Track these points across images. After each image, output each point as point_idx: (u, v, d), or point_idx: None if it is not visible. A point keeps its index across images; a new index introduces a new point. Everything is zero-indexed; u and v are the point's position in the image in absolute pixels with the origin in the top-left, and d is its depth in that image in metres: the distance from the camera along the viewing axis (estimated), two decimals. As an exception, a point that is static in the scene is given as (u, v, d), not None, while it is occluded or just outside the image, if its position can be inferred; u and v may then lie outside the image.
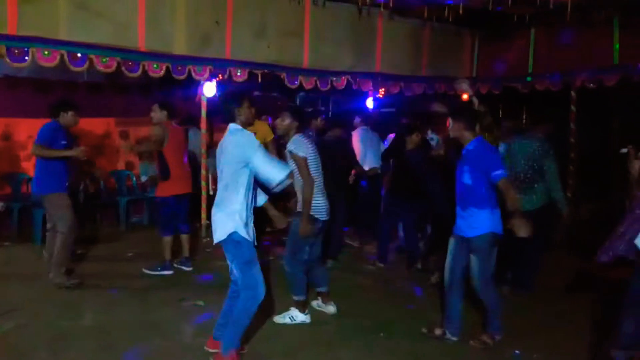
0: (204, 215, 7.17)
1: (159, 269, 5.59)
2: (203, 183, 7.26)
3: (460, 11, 6.70)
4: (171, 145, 5.45)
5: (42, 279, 5.17)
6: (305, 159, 4.11)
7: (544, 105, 8.02)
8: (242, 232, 3.40)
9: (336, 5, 7.02)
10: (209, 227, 7.13)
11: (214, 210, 3.50)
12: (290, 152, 4.13)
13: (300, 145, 4.14)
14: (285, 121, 4.25)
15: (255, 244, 3.57)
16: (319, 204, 4.23)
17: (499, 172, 3.69)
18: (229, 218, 3.39)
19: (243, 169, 3.37)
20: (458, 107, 4.22)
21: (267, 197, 3.74)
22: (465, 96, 8.49)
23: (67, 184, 5.14)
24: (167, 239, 5.60)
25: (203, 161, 7.24)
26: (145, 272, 5.56)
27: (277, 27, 6.75)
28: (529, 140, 5.12)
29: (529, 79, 7.77)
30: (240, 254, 3.44)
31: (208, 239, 7.03)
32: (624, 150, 3.14)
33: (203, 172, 7.28)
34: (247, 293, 3.46)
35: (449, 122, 3.96)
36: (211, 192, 7.94)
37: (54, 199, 5.05)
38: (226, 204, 3.41)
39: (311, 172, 4.15)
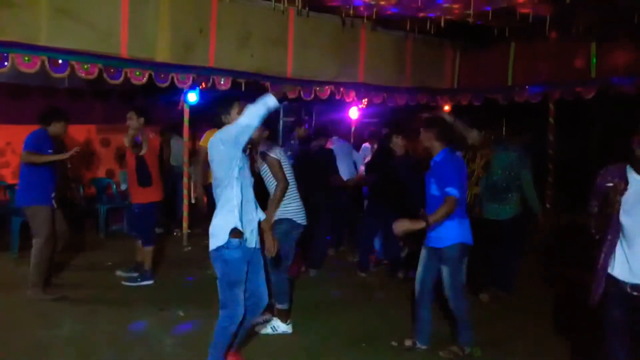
0: (185, 224, 7.10)
1: (139, 279, 5.50)
2: (185, 191, 7.20)
3: (442, 24, 6.80)
4: (151, 151, 5.41)
5: (19, 287, 5.06)
6: (278, 161, 4.14)
7: (523, 116, 8.16)
8: (235, 242, 3.24)
9: (320, 15, 7.07)
10: (190, 235, 7.17)
11: (213, 218, 3.38)
12: (263, 153, 4.13)
13: (272, 149, 4.18)
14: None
15: (258, 246, 3.47)
16: (297, 208, 4.26)
17: (449, 189, 3.70)
18: (226, 217, 3.24)
19: (233, 161, 3.25)
20: (430, 118, 4.28)
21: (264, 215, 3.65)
22: (446, 107, 8.68)
23: (52, 196, 5.03)
24: (151, 249, 5.52)
25: (185, 169, 7.19)
26: (124, 284, 5.47)
27: (261, 36, 6.77)
28: (507, 151, 5.21)
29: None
30: (226, 273, 3.30)
31: (189, 247, 7.00)
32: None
33: (185, 179, 7.21)
34: (224, 312, 3.33)
35: (421, 131, 4.02)
36: (193, 201, 7.89)
37: (35, 211, 4.95)
38: (222, 203, 3.30)
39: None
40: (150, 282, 5.53)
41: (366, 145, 7.89)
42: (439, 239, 3.84)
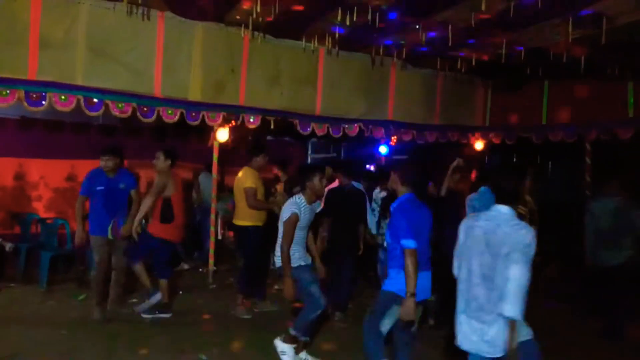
0: (211, 260, 7.06)
1: (157, 312, 5.49)
2: (212, 228, 7.19)
3: (473, 63, 6.75)
4: (177, 193, 5.52)
5: (45, 322, 5.08)
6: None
7: (558, 156, 7.97)
8: None
9: (349, 54, 7.10)
10: (216, 272, 7.12)
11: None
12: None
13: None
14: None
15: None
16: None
17: (405, 242, 3.55)
18: None
19: None
20: (398, 161, 4.39)
21: None
22: (480, 145, 8.53)
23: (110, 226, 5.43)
24: (166, 282, 5.53)
25: (213, 205, 7.20)
26: (143, 317, 5.46)
27: (291, 75, 6.83)
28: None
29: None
30: None
31: (214, 285, 6.94)
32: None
33: (212, 216, 7.22)
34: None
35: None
36: (219, 237, 7.90)
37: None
38: None
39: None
40: (168, 315, 5.51)
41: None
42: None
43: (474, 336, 3.05)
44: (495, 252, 2.98)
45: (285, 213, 4.33)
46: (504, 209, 3.06)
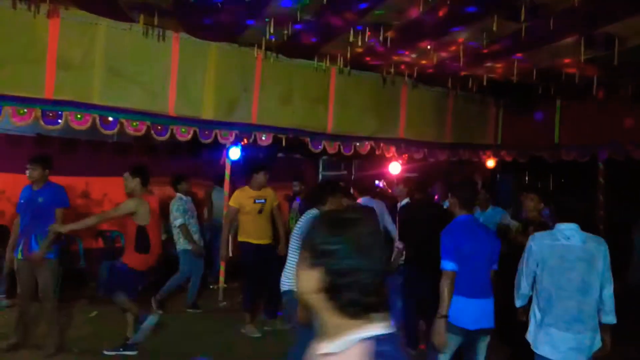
0: (222, 278, 7.08)
1: (120, 349, 5.02)
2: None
3: (484, 82, 6.77)
4: (153, 221, 5.12)
5: None
6: None
7: (570, 175, 7.92)
8: None
9: (361, 73, 7.15)
10: (226, 290, 7.12)
11: None
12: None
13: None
14: None
15: None
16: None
17: (443, 262, 3.60)
18: None
19: None
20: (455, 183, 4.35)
21: None
22: (491, 163, 8.50)
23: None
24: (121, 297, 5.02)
25: (224, 223, 7.21)
26: (106, 354, 4.98)
27: (302, 94, 6.88)
28: None
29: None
30: None
31: (224, 303, 6.94)
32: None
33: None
34: None
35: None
36: (230, 254, 7.89)
37: None
38: None
39: None
40: (133, 352, 5.01)
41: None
42: None
43: (565, 346, 3.22)
44: (590, 267, 3.24)
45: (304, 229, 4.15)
46: (574, 226, 3.29)
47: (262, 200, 6.02)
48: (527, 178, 9.32)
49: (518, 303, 3.62)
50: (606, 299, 3.28)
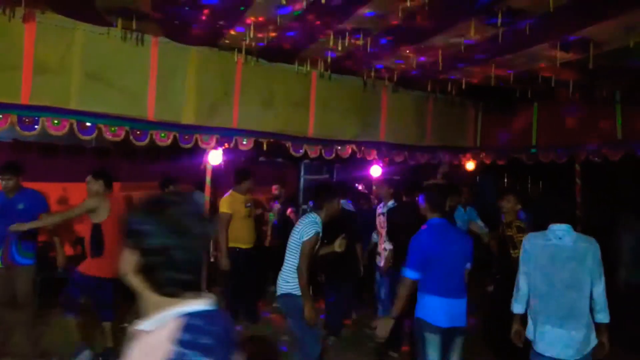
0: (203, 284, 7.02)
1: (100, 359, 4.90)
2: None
3: (463, 86, 6.85)
4: (111, 219, 4.83)
5: None
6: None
7: (548, 176, 8.05)
8: None
9: (341, 77, 7.18)
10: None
11: None
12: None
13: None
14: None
15: None
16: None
17: (403, 269, 3.81)
18: None
19: None
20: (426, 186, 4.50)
21: None
22: (471, 165, 8.61)
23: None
24: (109, 324, 4.90)
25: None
26: None
27: (283, 98, 6.87)
28: None
29: (533, 150, 7.82)
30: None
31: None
32: None
33: (205, 238, 7.19)
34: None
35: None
36: (211, 259, 7.85)
37: None
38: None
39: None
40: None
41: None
42: None
43: (560, 343, 3.33)
44: (580, 265, 3.36)
45: (305, 232, 4.05)
46: (566, 227, 3.43)
47: (250, 204, 6.08)
48: (505, 180, 9.44)
49: (515, 307, 3.64)
50: (597, 297, 3.41)
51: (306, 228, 4.08)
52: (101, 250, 4.79)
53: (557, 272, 3.40)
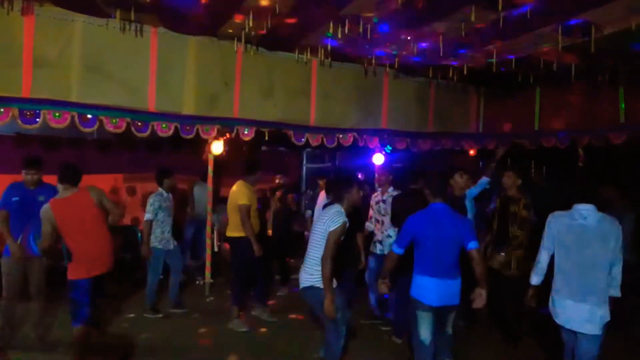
0: (208, 273, 7.07)
1: None
2: (207, 240, 7.20)
3: (465, 72, 6.81)
4: (60, 224, 4.34)
5: None
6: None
7: (551, 161, 8.03)
8: None
9: (342, 65, 7.14)
10: (213, 285, 7.12)
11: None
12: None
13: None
14: None
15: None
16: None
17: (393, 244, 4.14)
18: None
19: None
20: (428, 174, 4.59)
21: None
22: (472, 152, 8.59)
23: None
24: (80, 329, 4.33)
25: (208, 218, 7.21)
26: None
27: (284, 87, 6.85)
28: None
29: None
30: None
31: (212, 297, 6.95)
32: None
33: (208, 228, 7.22)
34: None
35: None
36: (216, 249, 7.90)
37: None
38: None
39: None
40: None
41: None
42: None
43: (581, 317, 3.56)
44: (603, 244, 3.56)
45: (332, 222, 3.97)
46: (591, 207, 3.63)
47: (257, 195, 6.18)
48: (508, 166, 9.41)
49: (534, 279, 3.92)
50: (615, 275, 3.63)
51: (333, 217, 4.02)
52: (70, 255, 4.43)
53: (581, 251, 3.62)
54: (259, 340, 5.50)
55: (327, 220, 4.03)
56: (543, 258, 3.85)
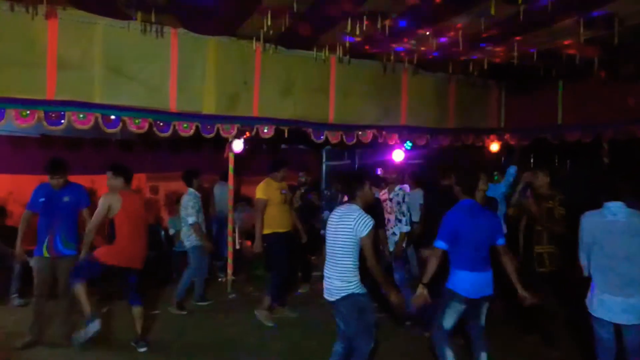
0: (229, 270, 7.14)
1: (83, 332, 4.73)
2: (229, 238, 7.26)
3: (485, 66, 6.73)
4: (122, 214, 4.86)
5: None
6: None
7: (575, 155, 7.90)
8: None
9: (360, 62, 7.13)
10: (234, 282, 7.20)
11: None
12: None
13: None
14: None
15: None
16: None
17: (435, 241, 4.05)
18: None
19: None
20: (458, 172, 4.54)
21: None
22: (495, 147, 8.48)
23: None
24: (81, 287, 4.69)
25: (230, 215, 7.28)
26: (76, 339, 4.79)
27: (303, 85, 6.89)
28: None
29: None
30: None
31: (233, 295, 7.02)
32: None
33: (230, 226, 7.29)
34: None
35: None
36: (237, 247, 7.97)
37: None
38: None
39: None
40: (97, 328, 4.71)
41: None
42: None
43: (618, 309, 3.73)
44: (633, 238, 3.75)
45: (363, 226, 3.75)
46: (620, 204, 3.80)
47: (285, 191, 6.17)
48: (532, 161, 9.29)
49: (585, 272, 4.09)
50: None
51: (363, 221, 3.77)
52: (112, 239, 4.93)
53: (614, 246, 3.79)
54: (279, 336, 5.52)
55: (355, 225, 3.76)
56: (582, 256, 4.02)
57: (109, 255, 4.82)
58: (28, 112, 5.42)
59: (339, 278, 3.81)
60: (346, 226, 3.81)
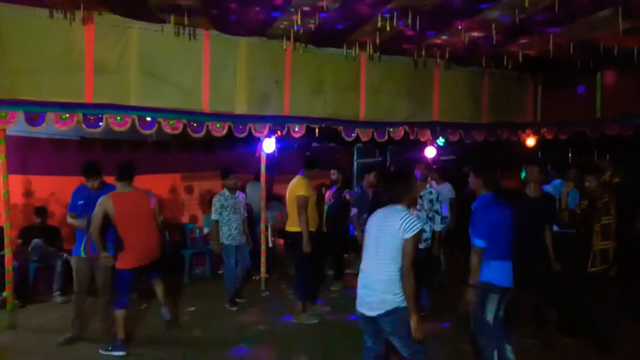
0: (263, 268, 7.20)
1: (110, 349, 4.90)
2: (262, 236, 7.33)
3: (520, 60, 6.59)
4: (118, 217, 4.83)
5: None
6: None
7: (614, 150, 7.65)
8: None
9: (391, 58, 7.09)
10: (268, 280, 7.26)
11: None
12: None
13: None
14: None
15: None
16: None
17: (475, 240, 3.92)
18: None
19: None
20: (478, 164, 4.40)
21: None
22: (531, 142, 8.28)
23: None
24: (120, 313, 4.91)
25: (262, 214, 7.34)
26: (100, 352, 4.91)
27: (333, 83, 6.90)
28: None
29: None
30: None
31: (267, 292, 7.08)
32: None
33: (262, 225, 7.36)
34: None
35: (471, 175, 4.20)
36: (270, 245, 8.02)
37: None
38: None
39: None
40: (122, 353, 4.86)
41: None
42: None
43: None
44: None
45: (409, 227, 3.35)
46: None
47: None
48: (570, 155, 9.05)
49: None
50: None
51: (408, 223, 3.38)
52: (121, 245, 4.94)
53: None
54: (313, 335, 5.54)
55: (401, 226, 3.37)
56: None
57: (122, 261, 4.90)
58: (67, 115, 5.60)
59: (383, 289, 3.38)
60: (392, 228, 3.42)
